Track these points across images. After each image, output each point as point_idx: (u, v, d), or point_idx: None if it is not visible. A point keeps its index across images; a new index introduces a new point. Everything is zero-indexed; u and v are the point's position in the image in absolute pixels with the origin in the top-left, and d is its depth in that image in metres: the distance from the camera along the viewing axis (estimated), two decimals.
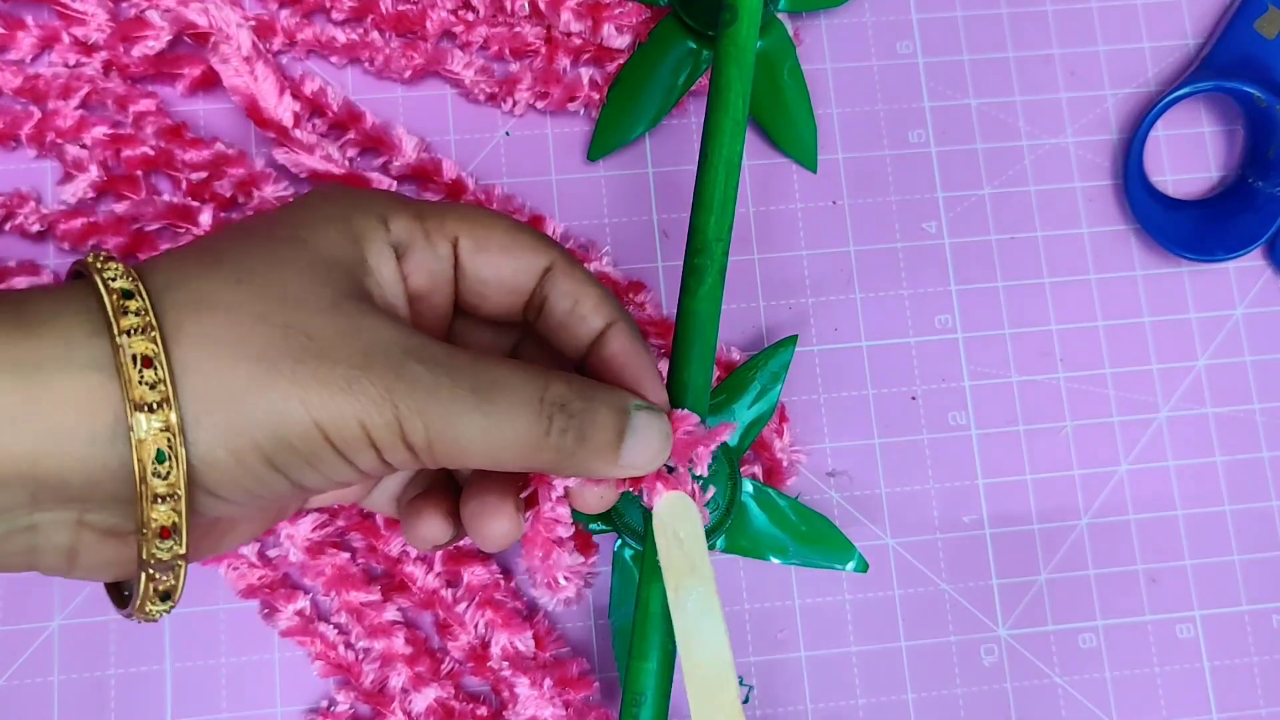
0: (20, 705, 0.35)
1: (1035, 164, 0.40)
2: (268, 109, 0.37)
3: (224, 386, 0.23)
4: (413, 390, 0.24)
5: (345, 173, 0.37)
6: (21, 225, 0.37)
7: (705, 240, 0.30)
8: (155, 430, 0.23)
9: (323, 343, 0.24)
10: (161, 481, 0.23)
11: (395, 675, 0.35)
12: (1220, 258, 0.39)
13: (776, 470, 0.37)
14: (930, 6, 0.41)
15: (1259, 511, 0.39)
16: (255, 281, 0.24)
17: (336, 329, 0.24)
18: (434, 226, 0.28)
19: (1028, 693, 0.37)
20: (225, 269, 0.24)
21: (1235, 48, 0.40)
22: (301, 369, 0.24)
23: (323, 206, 0.27)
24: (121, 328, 0.23)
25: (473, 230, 0.28)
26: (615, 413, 0.27)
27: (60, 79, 0.37)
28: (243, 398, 0.23)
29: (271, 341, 0.24)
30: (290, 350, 0.24)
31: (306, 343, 0.24)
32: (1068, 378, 0.39)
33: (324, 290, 0.25)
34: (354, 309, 0.25)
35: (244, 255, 0.25)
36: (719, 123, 0.31)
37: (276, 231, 0.26)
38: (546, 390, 0.26)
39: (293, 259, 0.25)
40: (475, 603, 0.36)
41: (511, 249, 0.28)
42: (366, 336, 0.24)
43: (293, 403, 0.24)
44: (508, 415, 0.25)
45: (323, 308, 0.24)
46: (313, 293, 0.24)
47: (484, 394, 0.25)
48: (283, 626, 0.35)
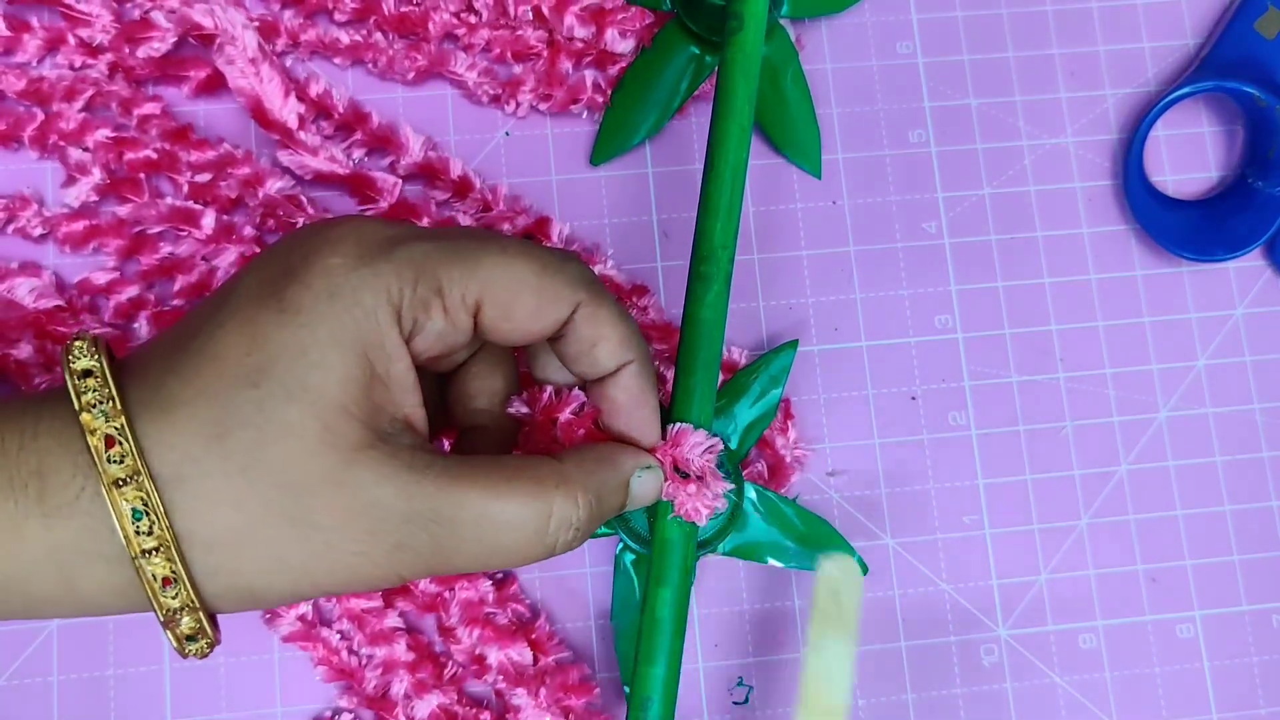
0: (20, 705, 0.35)
1: (1035, 164, 0.40)
2: (273, 110, 0.37)
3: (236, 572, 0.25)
4: (416, 559, 0.25)
5: (350, 173, 0.37)
6: (24, 228, 0.37)
7: (711, 247, 0.30)
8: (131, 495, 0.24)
9: (326, 531, 0.25)
10: (146, 536, 0.24)
11: (397, 682, 0.35)
12: (1220, 258, 0.39)
13: (780, 467, 0.37)
14: (930, 6, 0.41)
15: (1259, 511, 0.39)
16: (258, 470, 0.24)
17: (339, 507, 0.25)
18: (453, 298, 0.26)
19: (1028, 693, 0.37)
20: (232, 459, 0.24)
21: (1235, 48, 0.40)
22: (310, 561, 0.25)
23: (330, 311, 0.25)
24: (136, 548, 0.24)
25: (497, 296, 0.26)
26: (619, 492, 0.28)
27: (65, 81, 0.37)
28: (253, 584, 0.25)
29: (280, 539, 0.24)
30: (297, 545, 0.25)
31: (311, 533, 0.24)
32: (1068, 378, 0.39)
33: (325, 460, 0.24)
34: (355, 479, 0.24)
35: (247, 428, 0.24)
36: (725, 130, 0.31)
37: (279, 376, 0.24)
38: (551, 517, 0.26)
39: (296, 426, 0.24)
40: (462, 619, 0.35)
41: (539, 309, 0.27)
42: (368, 511, 0.25)
43: (303, 584, 0.25)
44: (511, 553, 0.26)
45: (323, 484, 0.24)
46: (312, 468, 0.24)
47: (489, 543, 0.26)
48: (285, 632, 0.35)
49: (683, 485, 0.30)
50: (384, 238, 0.26)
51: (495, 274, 0.26)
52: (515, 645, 0.35)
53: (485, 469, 0.26)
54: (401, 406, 0.26)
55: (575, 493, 0.27)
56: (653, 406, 0.29)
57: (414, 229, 0.26)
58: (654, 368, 0.29)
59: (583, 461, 0.28)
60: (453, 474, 0.25)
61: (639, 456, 0.29)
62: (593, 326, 0.28)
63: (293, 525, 0.24)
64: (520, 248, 0.27)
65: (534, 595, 0.37)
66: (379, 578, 0.26)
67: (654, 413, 0.29)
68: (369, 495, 0.25)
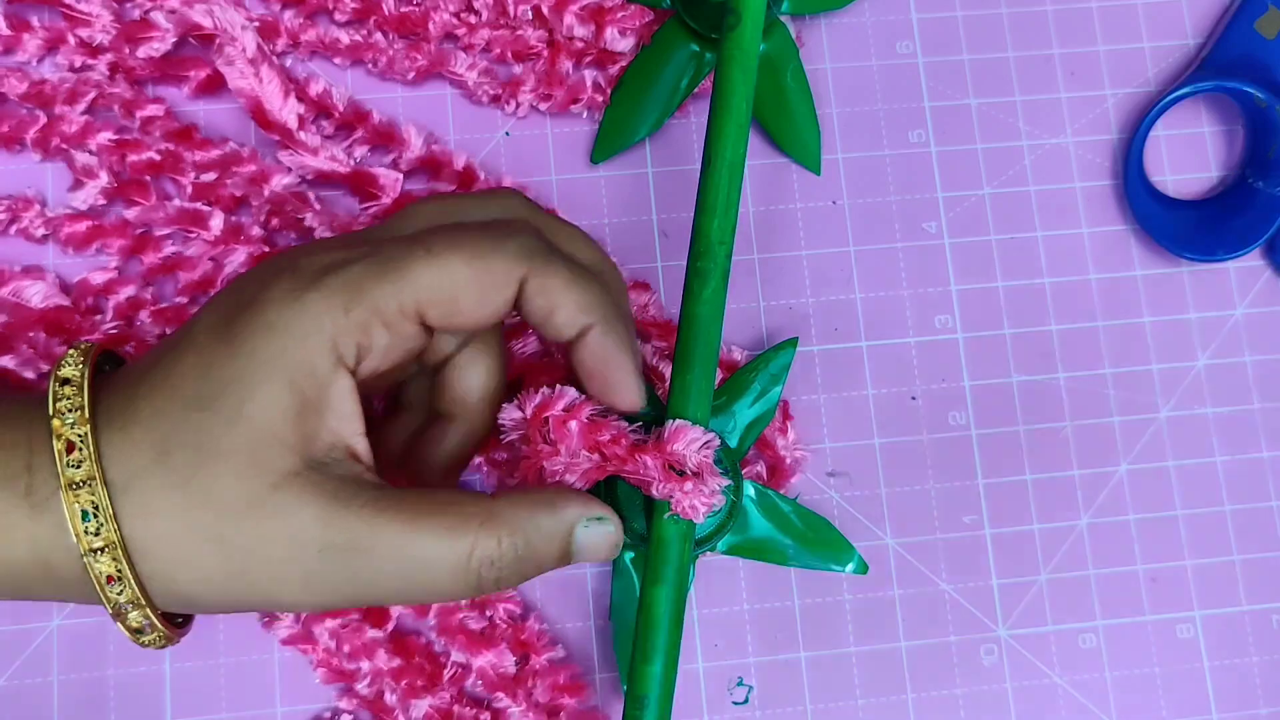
0: (20, 705, 0.35)
1: (1035, 164, 0.40)
2: (272, 111, 0.37)
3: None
4: (333, 590, 0.26)
5: (351, 171, 0.37)
6: (26, 228, 0.37)
7: (709, 244, 0.30)
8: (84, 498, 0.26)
9: (244, 554, 0.26)
10: (94, 537, 0.26)
11: (389, 691, 0.35)
12: (1220, 258, 0.39)
13: (780, 468, 0.37)
14: (930, 6, 0.41)
15: (1259, 511, 0.39)
16: (191, 488, 0.26)
17: (257, 532, 0.26)
18: (390, 313, 0.27)
19: (1028, 693, 0.37)
20: (171, 475, 0.26)
21: (1235, 48, 0.40)
22: (230, 581, 0.26)
23: (266, 343, 0.26)
24: (85, 547, 0.26)
25: (435, 299, 0.27)
26: (555, 539, 0.28)
27: (67, 84, 0.37)
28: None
29: (203, 555, 0.26)
30: (218, 564, 0.26)
31: (232, 554, 0.26)
32: (1068, 378, 0.39)
33: (249, 484, 0.25)
34: (275, 505, 0.26)
35: (186, 449, 0.26)
36: (723, 126, 0.31)
37: (221, 403, 0.26)
38: (473, 552, 0.27)
39: (228, 450, 0.25)
40: (439, 628, 0.35)
41: (481, 298, 0.27)
42: (285, 539, 0.26)
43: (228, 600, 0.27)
44: (430, 588, 0.27)
45: (246, 508, 0.26)
46: (237, 492, 0.25)
47: (407, 577, 0.26)
48: (283, 635, 0.35)
49: (679, 483, 0.29)
50: (319, 267, 0.27)
51: (426, 279, 0.27)
52: (492, 651, 0.35)
53: (413, 502, 0.26)
54: (340, 434, 0.27)
55: (499, 532, 0.27)
56: (626, 368, 0.29)
57: (349, 253, 0.27)
58: (624, 327, 0.29)
59: (517, 503, 0.28)
60: (378, 506, 0.26)
61: (588, 506, 0.28)
62: (544, 297, 0.28)
63: (216, 545, 0.26)
64: (448, 241, 0.27)
65: (531, 594, 0.37)
66: (299, 603, 0.27)
67: (629, 374, 0.29)
68: (287, 523, 0.26)
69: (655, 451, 0.29)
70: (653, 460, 0.29)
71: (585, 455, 0.29)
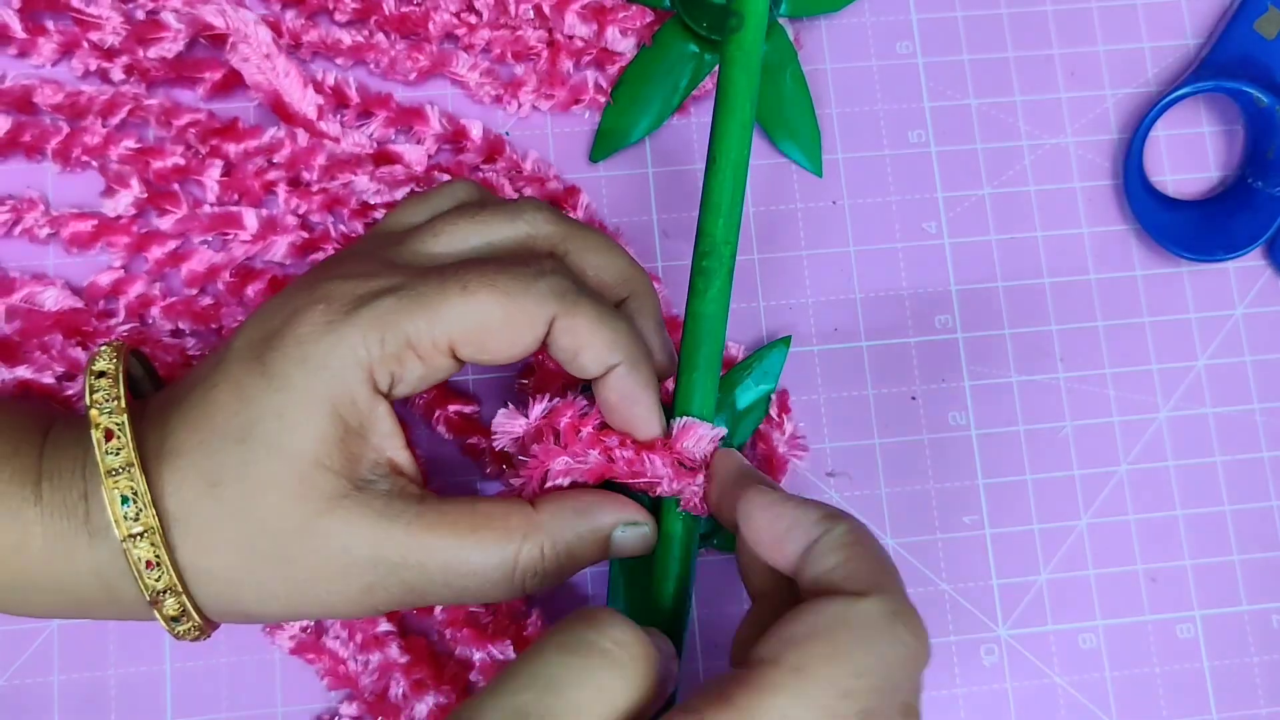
0: (20, 705, 0.35)
1: (1035, 164, 0.40)
2: (292, 103, 0.37)
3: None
4: (388, 598, 0.28)
5: (376, 152, 0.37)
6: (30, 230, 0.37)
7: (714, 243, 0.30)
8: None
9: (304, 571, 0.27)
10: (133, 522, 0.26)
11: (394, 685, 0.35)
12: (1220, 258, 0.39)
13: (774, 461, 0.37)
14: (930, 6, 0.41)
15: (1259, 511, 0.39)
16: (246, 517, 0.27)
17: (313, 552, 0.27)
18: (424, 346, 0.27)
19: (1028, 693, 0.37)
20: (224, 506, 0.27)
21: (1235, 48, 0.40)
22: (293, 595, 0.27)
23: (301, 376, 0.27)
24: (124, 531, 0.27)
25: (467, 336, 0.27)
26: (596, 546, 0.29)
27: (104, 96, 0.37)
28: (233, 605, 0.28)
29: (266, 576, 0.27)
30: (281, 583, 0.27)
31: (292, 572, 0.27)
32: (1068, 378, 0.39)
33: (301, 510, 0.27)
34: (326, 528, 0.27)
35: (236, 482, 0.27)
36: (727, 127, 0.31)
37: (261, 435, 0.26)
38: (518, 562, 0.28)
39: (276, 480, 0.26)
40: (446, 621, 0.35)
41: (511, 339, 0.28)
42: (339, 557, 0.27)
43: (289, 611, 0.28)
44: (478, 595, 0.28)
45: (300, 531, 0.27)
46: (291, 517, 0.27)
47: (456, 586, 0.27)
48: (287, 646, 0.35)
49: (691, 477, 0.30)
50: (353, 298, 0.27)
51: (459, 316, 0.27)
52: (496, 644, 0.35)
53: (457, 515, 0.28)
54: (383, 452, 0.28)
55: (542, 542, 0.28)
56: (648, 404, 0.29)
57: (385, 284, 0.27)
58: (648, 364, 0.29)
59: (558, 512, 0.29)
60: (425, 521, 0.27)
61: (623, 511, 0.29)
62: (571, 337, 0.28)
63: (276, 565, 0.27)
64: (483, 280, 0.27)
65: None
66: (356, 611, 0.28)
67: (650, 409, 0.29)
68: (339, 543, 0.27)
69: (665, 451, 0.30)
70: (662, 459, 0.29)
71: (594, 455, 0.29)
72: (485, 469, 0.37)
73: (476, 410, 0.37)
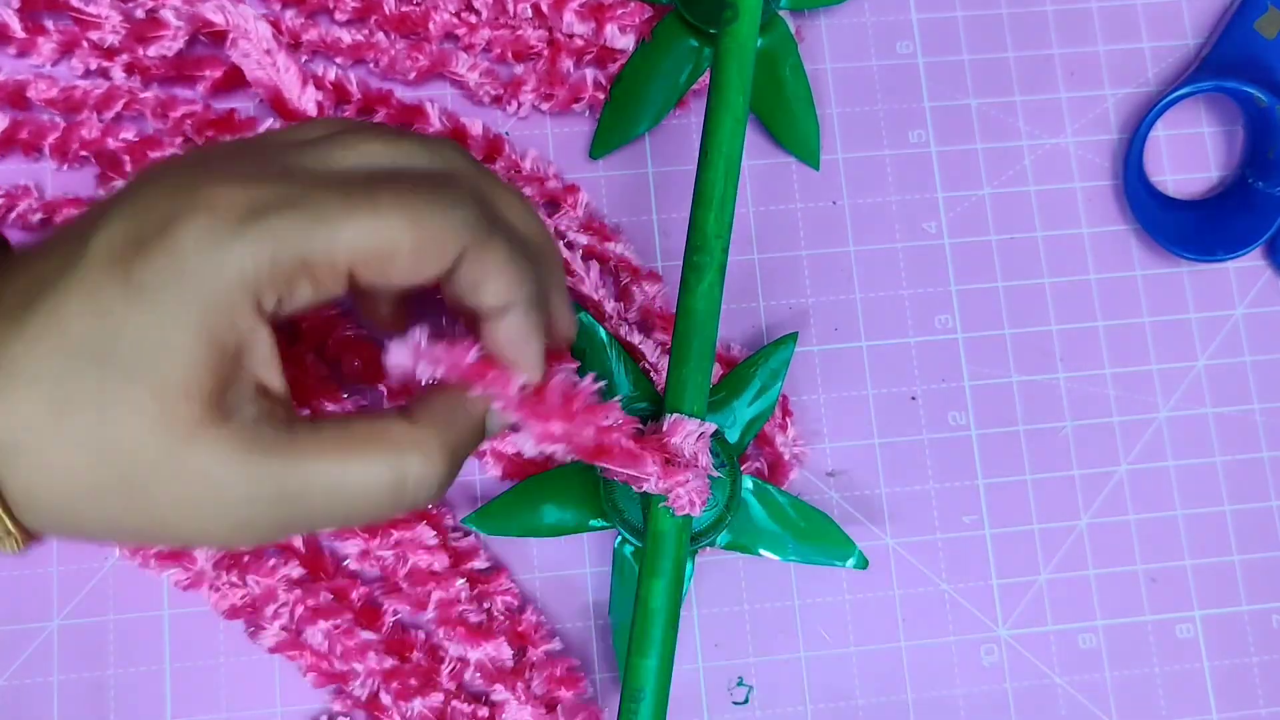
0: (20, 705, 0.35)
1: (1035, 164, 0.40)
2: (292, 100, 0.37)
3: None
4: (262, 533, 0.25)
5: None
6: (24, 215, 0.37)
7: (705, 237, 0.30)
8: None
9: (164, 508, 0.24)
10: None
11: (384, 692, 0.35)
12: (1220, 258, 0.39)
13: (779, 465, 0.37)
14: (930, 6, 0.41)
15: (1259, 511, 0.39)
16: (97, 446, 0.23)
17: (177, 489, 0.24)
18: (320, 270, 0.24)
19: (1028, 693, 0.37)
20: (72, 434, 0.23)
21: (1235, 48, 0.40)
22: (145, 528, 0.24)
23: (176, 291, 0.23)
24: None
25: (369, 261, 0.24)
26: (476, 434, 0.27)
27: (99, 90, 0.37)
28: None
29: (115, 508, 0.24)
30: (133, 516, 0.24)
31: (148, 507, 0.24)
32: (1068, 378, 0.39)
33: (163, 440, 0.23)
34: (194, 461, 0.24)
35: (89, 408, 0.23)
36: (719, 120, 0.31)
37: (122, 355, 0.23)
38: (408, 479, 0.25)
39: (136, 407, 0.23)
40: (438, 620, 0.35)
41: (415, 266, 0.25)
42: (208, 493, 0.24)
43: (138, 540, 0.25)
44: (367, 516, 0.25)
45: (162, 464, 0.24)
46: (151, 448, 0.23)
47: (342, 509, 0.25)
48: (269, 644, 0.35)
49: (678, 476, 0.29)
50: (244, 208, 0.24)
51: (364, 238, 0.24)
52: (491, 643, 0.35)
53: (334, 436, 0.25)
54: (257, 376, 0.25)
55: (433, 452, 0.25)
56: (537, 349, 0.27)
57: (279, 192, 0.24)
58: (544, 312, 0.28)
59: (435, 414, 0.26)
60: (300, 447, 0.24)
61: (488, 386, 0.27)
62: (479, 269, 0.26)
63: (128, 498, 0.24)
64: (395, 200, 0.24)
65: (530, 587, 0.37)
66: (233, 544, 0.26)
67: (538, 355, 0.27)
68: (209, 478, 0.24)
69: (654, 446, 0.29)
70: (651, 455, 0.29)
71: (588, 433, 0.28)
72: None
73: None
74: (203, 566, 0.35)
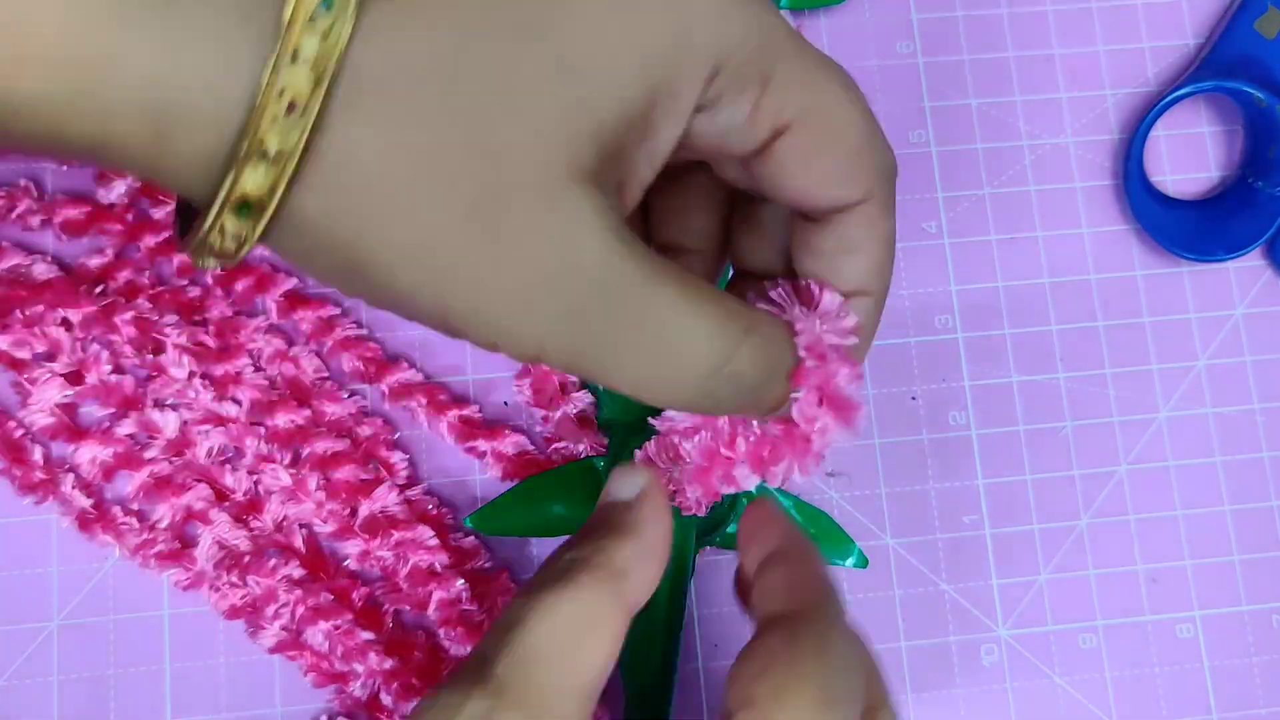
0: (20, 705, 0.35)
1: (1035, 164, 0.40)
2: None
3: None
4: (571, 339, 0.20)
5: None
6: (23, 215, 0.37)
7: None
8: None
9: (501, 247, 0.19)
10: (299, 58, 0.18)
11: (385, 691, 0.35)
12: (1220, 258, 0.39)
13: None
14: (930, 6, 0.41)
15: (1259, 511, 0.39)
16: (464, 136, 0.19)
17: (531, 230, 0.19)
18: (769, 102, 0.21)
19: (1028, 693, 0.37)
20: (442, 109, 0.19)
21: (1235, 48, 0.40)
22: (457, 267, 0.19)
23: (648, 18, 0.20)
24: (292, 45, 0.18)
25: (811, 134, 0.21)
26: (783, 389, 0.23)
27: None
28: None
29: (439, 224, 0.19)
30: (455, 241, 0.19)
31: (482, 240, 0.19)
32: (1068, 378, 0.39)
33: (547, 171, 0.19)
34: (567, 208, 0.19)
35: (485, 88, 0.19)
36: None
37: (554, 47, 0.19)
38: (733, 358, 0.21)
39: (537, 114, 0.19)
40: (439, 620, 0.35)
41: (837, 177, 0.22)
42: (560, 251, 0.19)
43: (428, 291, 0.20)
44: (670, 381, 0.21)
45: (531, 194, 0.19)
46: (527, 170, 0.19)
47: (658, 357, 0.21)
48: (269, 644, 0.35)
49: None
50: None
51: (824, 107, 0.22)
52: None
53: (687, 280, 0.21)
54: (635, 173, 0.21)
55: (761, 346, 0.22)
56: (865, 347, 0.24)
57: None
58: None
59: (773, 326, 0.23)
60: (654, 263, 0.20)
61: None
62: (862, 230, 0.23)
63: (466, 219, 0.19)
64: (855, 96, 0.22)
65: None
66: (516, 339, 0.20)
67: (862, 354, 0.24)
68: (570, 234, 0.19)
69: None
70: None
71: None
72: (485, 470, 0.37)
73: (478, 410, 0.37)
74: (203, 566, 0.35)
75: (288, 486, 0.36)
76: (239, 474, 0.36)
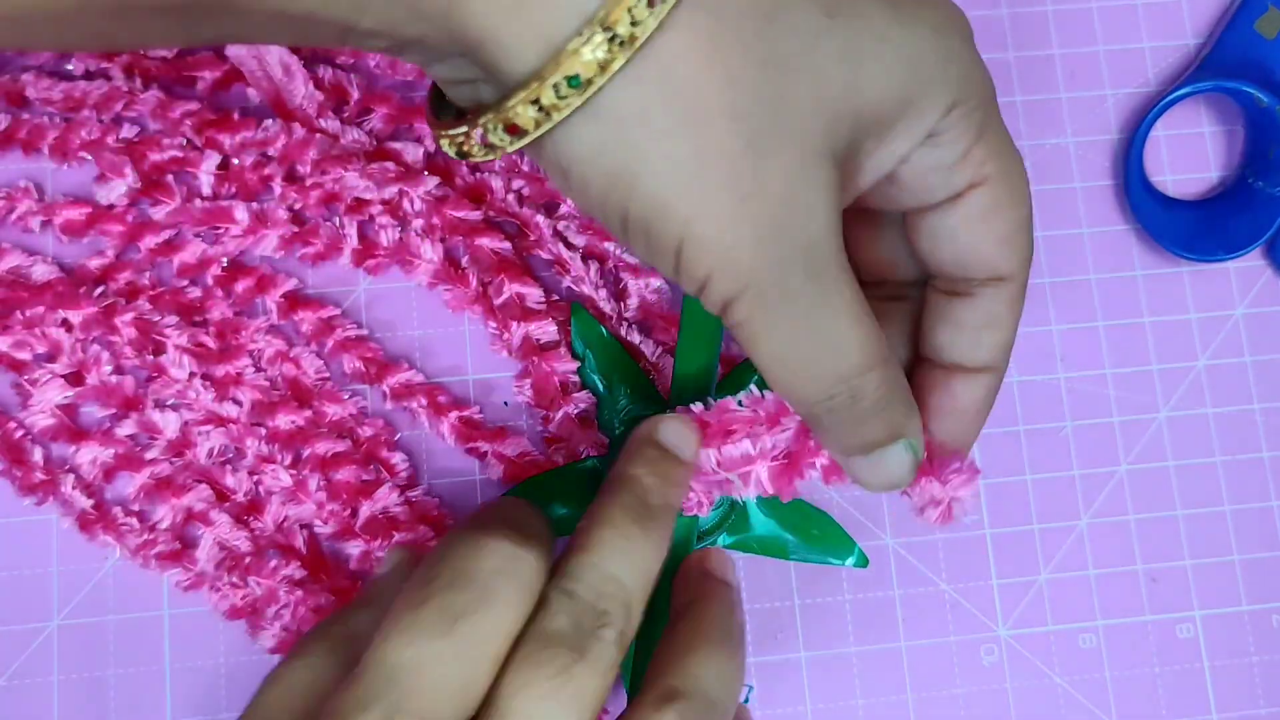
0: (20, 705, 0.35)
1: (1035, 164, 0.40)
2: (291, 99, 0.37)
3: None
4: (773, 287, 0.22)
5: (375, 150, 0.37)
6: (24, 217, 0.37)
7: None
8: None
9: (757, 200, 0.21)
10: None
11: None
12: (1220, 258, 0.39)
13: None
14: None
15: (1259, 511, 0.39)
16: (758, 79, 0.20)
17: (786, 195, 0.21)
18: (979, 151, 0.23)
19: (1028, 693, 0.37)
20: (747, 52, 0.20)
21: (1235, 48, 0.40)
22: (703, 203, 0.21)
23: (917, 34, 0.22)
24: None
25: (1001, 188, 0.24)
26: (885, 430, 0.25)
27: (100, 89, 0.37)
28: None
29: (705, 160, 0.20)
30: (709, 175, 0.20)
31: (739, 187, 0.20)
32: (1068, 378, 0.39)
33: (814, 129, 0.21)
34: (811, 182, 0.21)
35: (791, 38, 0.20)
36: None
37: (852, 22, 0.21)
38: (867, 372, 0.23)
39: (819, 76, 0.21)
40: None
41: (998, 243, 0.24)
42: (801, 217, 0.21)
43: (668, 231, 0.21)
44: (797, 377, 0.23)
45: (796, 137, 0.21)
46: (805, 118, 0.21)
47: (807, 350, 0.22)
48: (269, 644, 0.35)
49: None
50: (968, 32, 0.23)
51: (1014, 174, 0.24)
52: None
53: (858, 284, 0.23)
54: (854, 178, 0.23)
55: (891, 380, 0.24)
56: (980, 425, 0.26)
57: None
58: None
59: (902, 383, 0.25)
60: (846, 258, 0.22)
61: None
62: (1005, 307, 0.25)
63: (744, 148, 0.20)
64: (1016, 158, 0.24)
65: None
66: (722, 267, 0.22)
67: (978, 431, 0.26)
68: (811, 197, 0.21)
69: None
70: None
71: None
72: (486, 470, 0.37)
73: (479, 411, 0.37)
74: (203, 567, 0.35)
75: (288, 487, 0.36)
76: (240, 475, 0.36)
